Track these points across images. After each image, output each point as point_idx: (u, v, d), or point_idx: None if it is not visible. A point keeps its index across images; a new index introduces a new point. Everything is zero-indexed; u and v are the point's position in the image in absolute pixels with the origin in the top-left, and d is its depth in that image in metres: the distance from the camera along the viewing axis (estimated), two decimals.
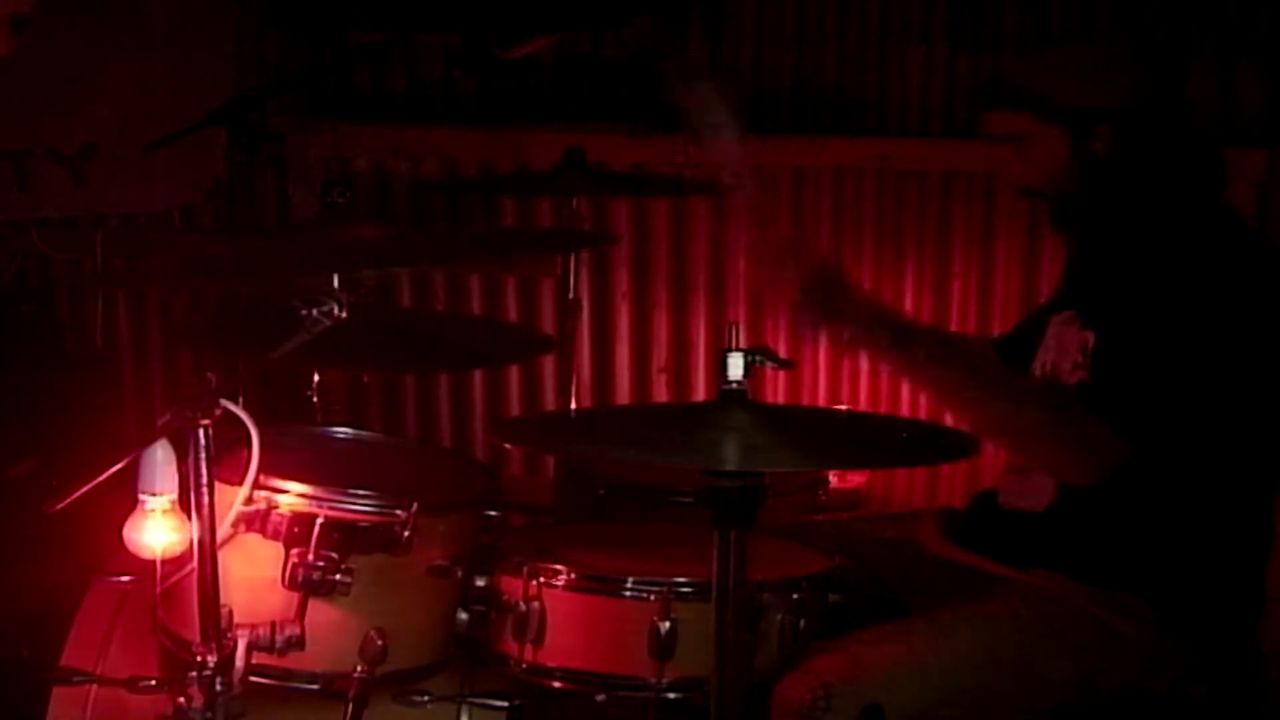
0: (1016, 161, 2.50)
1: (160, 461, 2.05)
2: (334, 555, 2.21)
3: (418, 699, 2.31)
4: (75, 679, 2.43)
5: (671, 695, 2.23)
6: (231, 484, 2.19)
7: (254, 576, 2.22)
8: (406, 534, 2.23)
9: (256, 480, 2.19)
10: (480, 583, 2.33)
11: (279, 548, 2.21)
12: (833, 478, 3.14)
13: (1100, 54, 2.61)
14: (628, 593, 2.24)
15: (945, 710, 2.27)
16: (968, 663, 2.30)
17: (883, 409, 3.98)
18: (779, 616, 2.26)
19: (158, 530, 2.08)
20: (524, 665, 2.28)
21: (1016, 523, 2.51)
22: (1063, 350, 2.50)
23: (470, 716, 2.36)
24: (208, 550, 2.04)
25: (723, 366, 1.91)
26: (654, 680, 2.23)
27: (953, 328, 3.93)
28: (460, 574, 2.32)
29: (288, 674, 2.23)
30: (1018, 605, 2.39)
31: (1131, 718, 2.40)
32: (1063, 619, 2.37)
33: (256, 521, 2.22)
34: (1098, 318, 2.45)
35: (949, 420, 2.57)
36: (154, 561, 2.10)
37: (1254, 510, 2.46)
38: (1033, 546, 2.46)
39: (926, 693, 2.26)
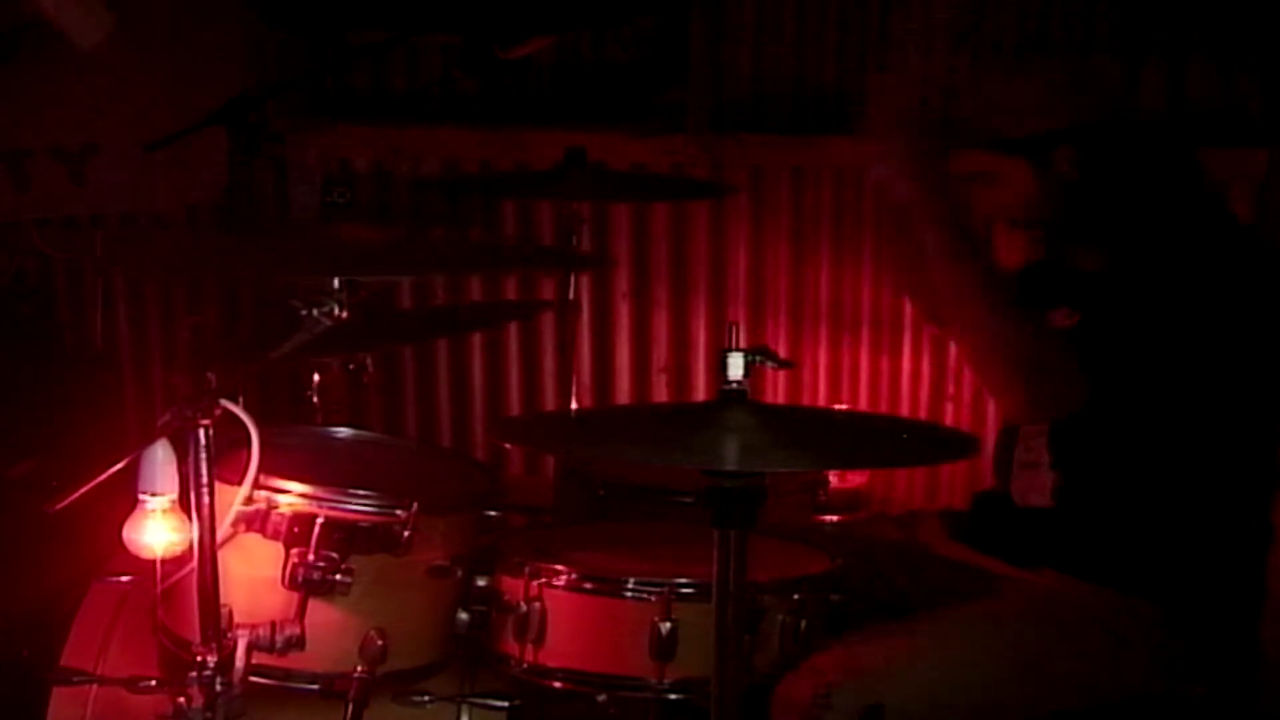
0: (993, 195, 2.50)
1: (160, 461, 2.05)
2: (334, 555, 2.21)
3: (418, 699, 2.31)
4: (75, 679, 2.43)
5: (672, 696, 2.23)
6: (231, 484, 2.19)
7: (254, 576, 2.22)
8: (406, 534, 2.23)
9: (256, 480, 2.19)
10: (481, 583, 2.33)
11: (279, 548, 2.21)
12: (833, 478, 3.14)
13: (1043, 78, 2.55)
14: (628, 593, 2.24)
15: (947, 710, 2.26)
16: (971, 662, 2.30)
17: (883, 409, 3.98)
18: (779, 617, 2.26)
19: (158, 530, 2.08)
20: (525, 665, 2.28)
21: (1024, 523, 2.51)
22: None
23: (470, 717, 2.36)
24: (208, 550, 2.04)
25: (723, 366, 1.91)
26: (655, 681, 2.23)
27: None
28: (460, 574, 2.32)
29: (288, 674, 2.23)
30: (1025, 605, 2.39)
31: (1131, 718, 2.39)
32: (1071, 621, 2.37)
33: (256, 521, 2.22)
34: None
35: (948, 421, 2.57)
36: (154, 561, 2.11)
37: (1254, 508, 2.46)
38: (1041, 546, 2.45)
39: (928, 692, 2.25)
